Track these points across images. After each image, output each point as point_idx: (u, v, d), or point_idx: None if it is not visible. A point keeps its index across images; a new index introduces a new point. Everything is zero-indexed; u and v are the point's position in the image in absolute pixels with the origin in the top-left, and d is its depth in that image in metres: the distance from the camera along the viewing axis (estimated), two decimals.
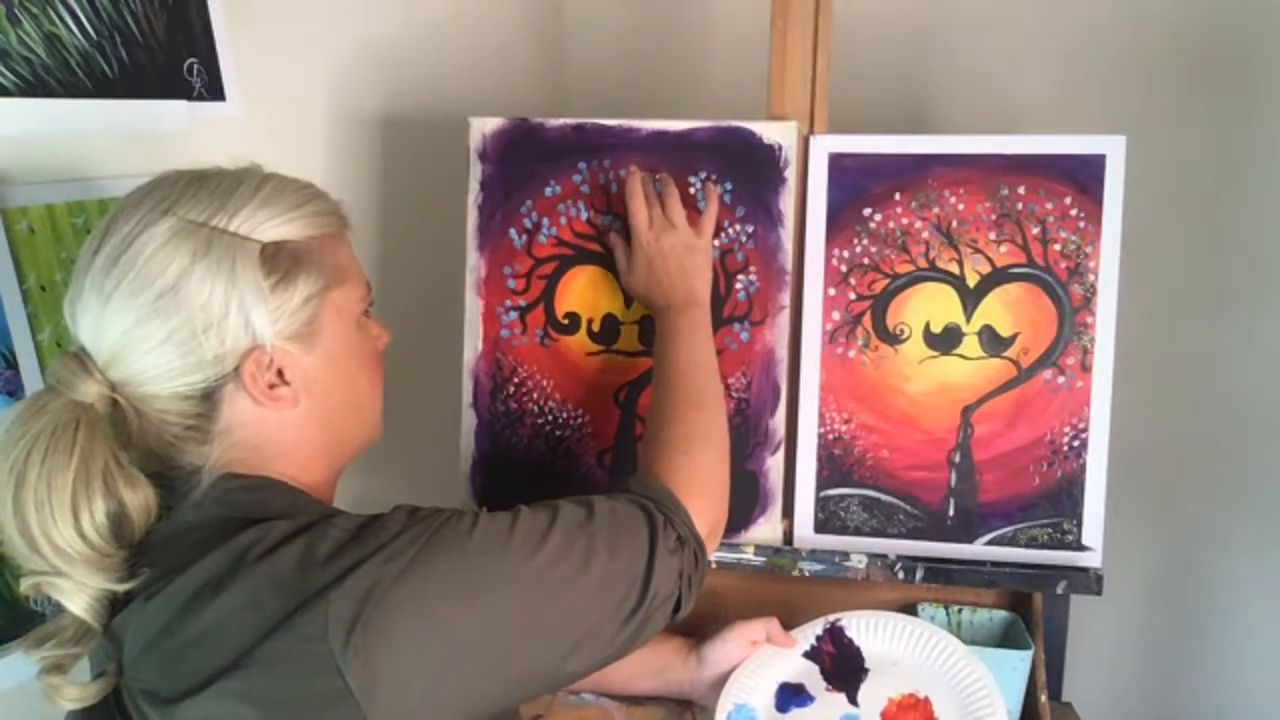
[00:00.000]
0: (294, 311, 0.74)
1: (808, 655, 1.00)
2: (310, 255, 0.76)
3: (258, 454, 0.75)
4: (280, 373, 0.75)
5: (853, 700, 0.98)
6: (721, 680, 1.00)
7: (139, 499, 0.71)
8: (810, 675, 1.00)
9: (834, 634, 1.00)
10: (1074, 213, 1.04)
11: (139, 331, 0.70)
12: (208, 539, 0.70)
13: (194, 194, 0.73)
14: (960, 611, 1.12)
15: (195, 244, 0.71)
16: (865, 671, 0.99)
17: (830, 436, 1.09)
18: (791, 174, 1.08)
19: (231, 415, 0.74)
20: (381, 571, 0.67)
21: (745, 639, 1.01)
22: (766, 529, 1.10)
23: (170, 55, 1.03)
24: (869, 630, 1.00)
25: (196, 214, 0.72)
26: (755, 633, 1.01)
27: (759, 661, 1.00)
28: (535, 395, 1.13)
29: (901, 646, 0.99)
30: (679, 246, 1.01)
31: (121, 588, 0.70)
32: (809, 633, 1.01)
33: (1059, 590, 1.05)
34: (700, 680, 1.02)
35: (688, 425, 0.90)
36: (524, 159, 1.12)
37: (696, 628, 1.03)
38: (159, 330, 0.70)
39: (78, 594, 0.69)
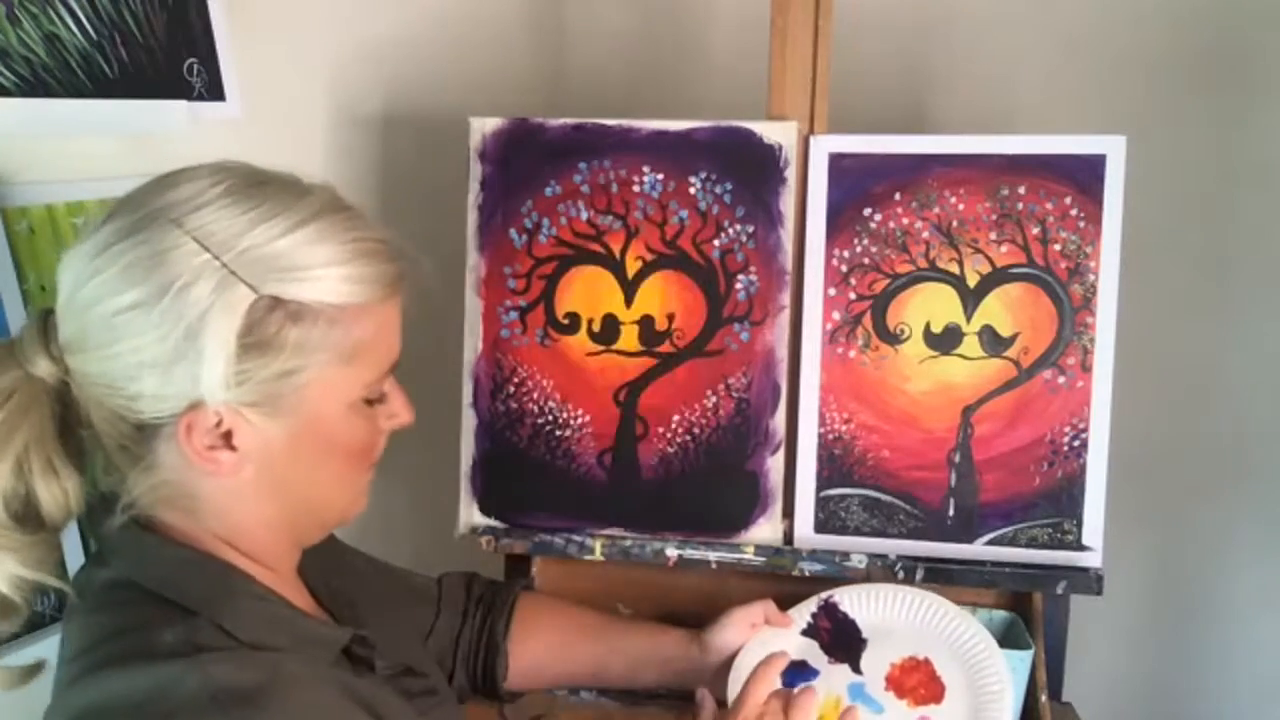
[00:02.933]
0: (261, 381, 0.64)
1: (806, 633, 1.02)
2: (316, 324, 0.66)
3: (191, 503, 0.69)
4: (229, 435, 0.66)
5: (856, 669, 0.99)
6: (727, 665, 1.00)
7: (54, 491, 0.66)
8: (811, 651, 1.01)
9: (828, 610, 1.02)
10: (1074, 213, 1.04)
11: (95, 337, 0.64)
12: (119, 618, 0.66)
13: (224, 208, 0.64)
14: None
15: (185, 268, 0.63)
16: (864, 642, 1.00)
17: (830, 436, 1.09)
18: (791, 174, 1.08)
19: (165, 456, 0.67)
20: None
21: (745, 623, 1.01)
22: (766, 529, 1.10)
23: (170, 55, 1.03)
24: (861, 602, 1.02)
25: (208, 232, 0.64)
26: (754, 616, 1.01)
27: (761, 643, 1.00)
28: (535, 395, 1.13)
29: (895, 614, 1.01)
30: None
31: (48, 580, 0.66)
32: (804, 611, 1.03)
33: (1059, 590, 1.05)
34: (705, 667, 1.02)
35: None
36: (524, 159, 1.12)
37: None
38: (112, 341, 0.64)
39: None
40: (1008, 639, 1.09)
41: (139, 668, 0.63)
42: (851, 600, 1.02)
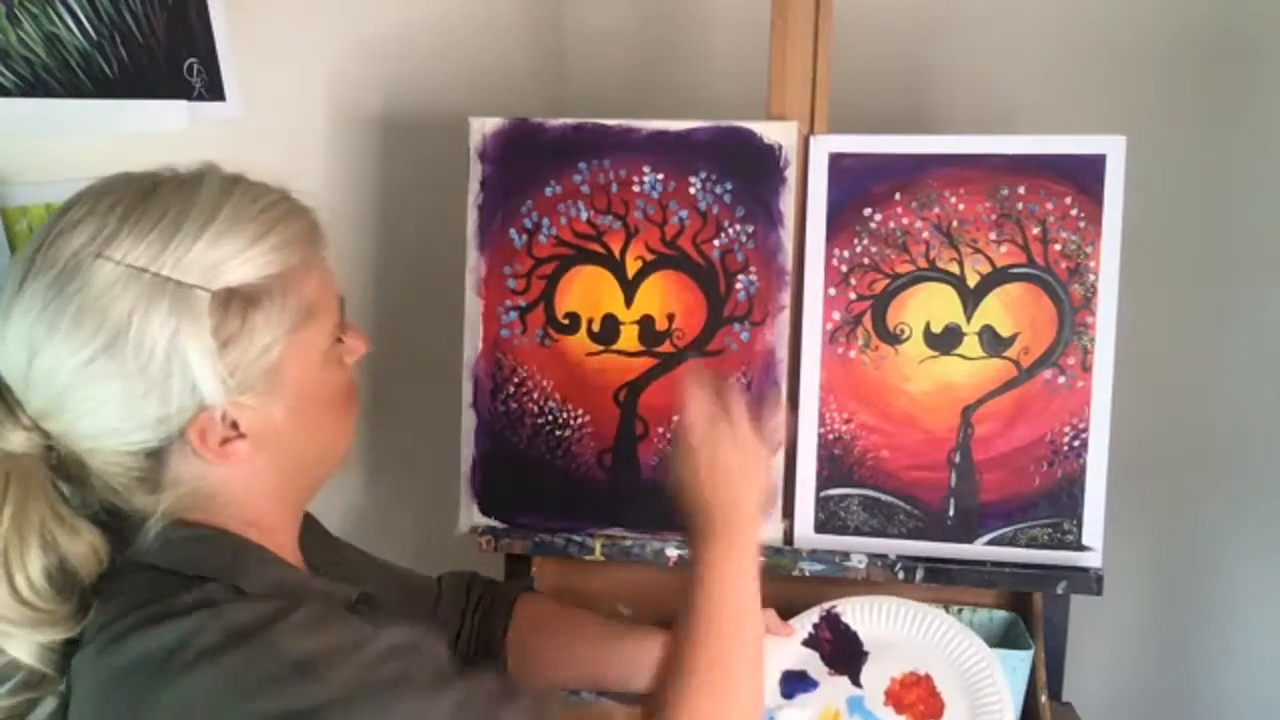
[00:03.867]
0: (249, 364, 0.67)
1: (807, 643, 1.02)
2: (270, 298, 0.67)
3: (211, 502, 0.71)
4: (235, 424, 0.68)
5: (856, 682, 0.99)
6: None
7: (82, 548, 0.67)
8: (812, 662, 1.01)
9: (830, 621, 1.01)
10: (1074, 213, 1.04)
11: (73, 396, 0.64)
12: (142, 593, 0.67)
13: (133, 227, 0.65)
14: (960, 611, 1.12)
15: (134, 296, 0.63)
16: (865, 654, 1.00)
17: (830, 436, 1.09)
18: (791, 174, 1.08)
19: (181, 468, 0.69)
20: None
21: None
22: (767, 529, 1.10)
23: (170, 55, 1.03)
24: (864, 615, 1.02)
25: (136, 255, 0.64)
26: None
27: None
28: (535, 395, 1.13)
29: (897, 628, 1.01)
30: (733, 447, 0.82)
31: (74, 633, 0.66)
32: (806, 621, 1.02)
33: (1059, 590, 1.05)
34: None
35: (706, 694, 0.76)
36: (524, 159, 1.12)
37: None
38: (95, 394, 0.64)
39: (25, 645, 0.65)
40: (1008, 639, 1.10)
41: (163, 625, 0.64)
42: (854, 612, 1.02)
